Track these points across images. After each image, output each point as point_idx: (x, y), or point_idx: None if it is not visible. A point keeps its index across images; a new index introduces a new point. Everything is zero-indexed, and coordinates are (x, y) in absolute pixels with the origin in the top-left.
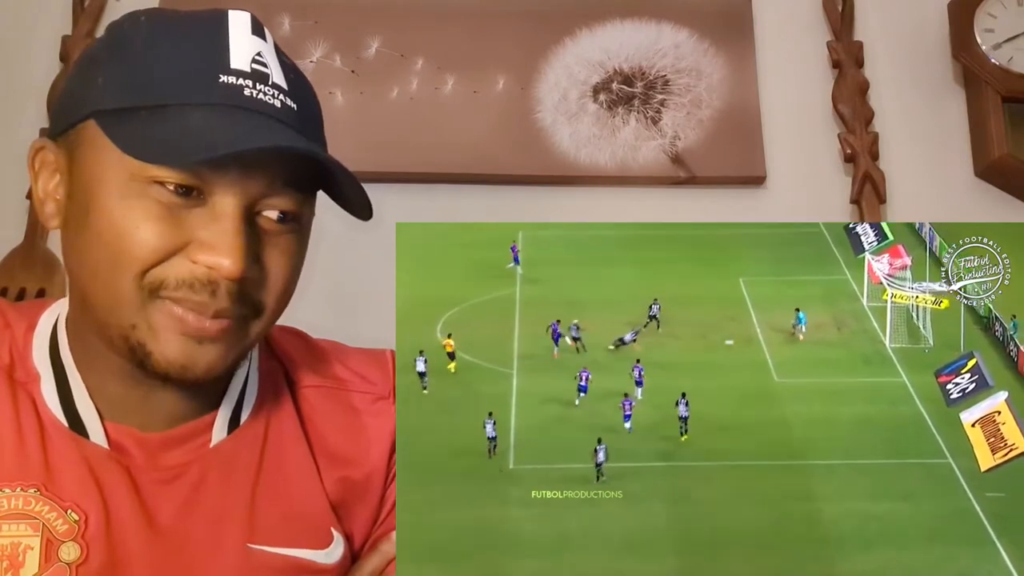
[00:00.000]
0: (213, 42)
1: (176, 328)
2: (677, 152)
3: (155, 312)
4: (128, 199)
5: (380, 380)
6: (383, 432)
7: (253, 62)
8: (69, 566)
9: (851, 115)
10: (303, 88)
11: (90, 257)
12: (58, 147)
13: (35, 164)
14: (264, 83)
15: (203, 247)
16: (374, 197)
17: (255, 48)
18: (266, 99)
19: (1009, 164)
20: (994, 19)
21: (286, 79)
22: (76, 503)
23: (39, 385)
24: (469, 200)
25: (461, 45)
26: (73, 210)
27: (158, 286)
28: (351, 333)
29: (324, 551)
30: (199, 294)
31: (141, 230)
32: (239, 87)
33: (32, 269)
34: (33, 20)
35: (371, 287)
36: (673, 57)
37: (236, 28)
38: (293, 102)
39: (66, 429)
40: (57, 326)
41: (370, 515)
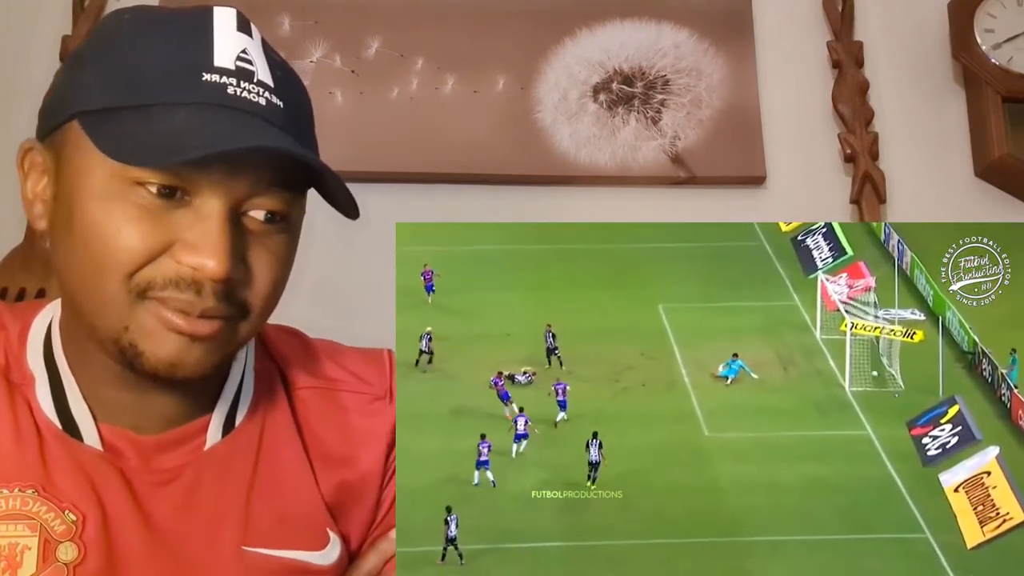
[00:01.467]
0: (197, 40)
1: (165, 327)
2: (677, 152)
3: (144, 314)
4: (109, 201)
5: (377, 380)
6: (380, 432)
7: (237, 59)
8: (67, 566)
9: (851, 115)
10: (291, 85)
11: (75, 260)
12: (45, 148)
13: (24, 165)
14: (249, 81)
15: (187, 248)
16: (374, 197)
17: (240, 45)
18: (250, 97)
19: (1009, 164)
20: (994, 19)
21: (272, 76)
22: (74, 504)
23: (34, 387)
24: (469, 200)
25: (461, 45)
26: (59, 212)
27: (146, 287)
28: (351, 333)
29: (320, 552)
30: (185, 293)
31: (123, 233)
32: (222, 85)
33: (32, 269)
34: (33, 20)
35: (371, 287)
36: (673, 57)
37: (221, 25)
38: (279, 100)
39: (60, 432)
40: (51, 328)
41: (367, 516)
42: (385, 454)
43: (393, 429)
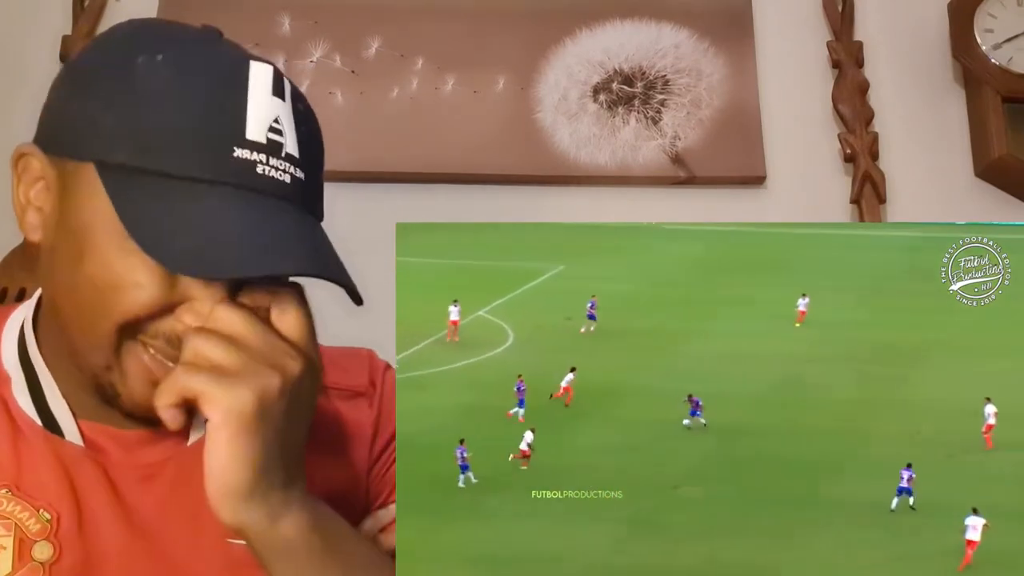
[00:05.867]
0: (231, 104)
1: (147, 375)
2: (677, 152)
3: (128, 355)
4: (131, 256)
5: (356, 376)
6: (361, 427)
7: (269, 130)
8: (43, 565)
9: (851, 115)
10: (313, 144)
11: (76, 299)
12: (48, 160)
13: (18, 167)
14: (277, 156)
15: (191, 312)
16: (374, 197)
17: (273, 113)
18: (277, 176)
19: (1009, 164)
20: (994, 19)
21: (298, 142)
22: (49, 502)
23: (9, 387)
24: (469, 200)
25: (461, 45)
26: (63, 239)
27: (135, 331)
28: (351, 334)
29: None
30: (176, 348)
31: (144, 289)
32: (252, 163)
33: (32, 269)
34: (33, 19)
35: (371, 287)
36: (673, 57)
37: (256, 87)
38: (303, 171)
39: (40, 428)
40: (24, 328)
41: (354, 506)
42: (368, 447)
43: (375, 426)
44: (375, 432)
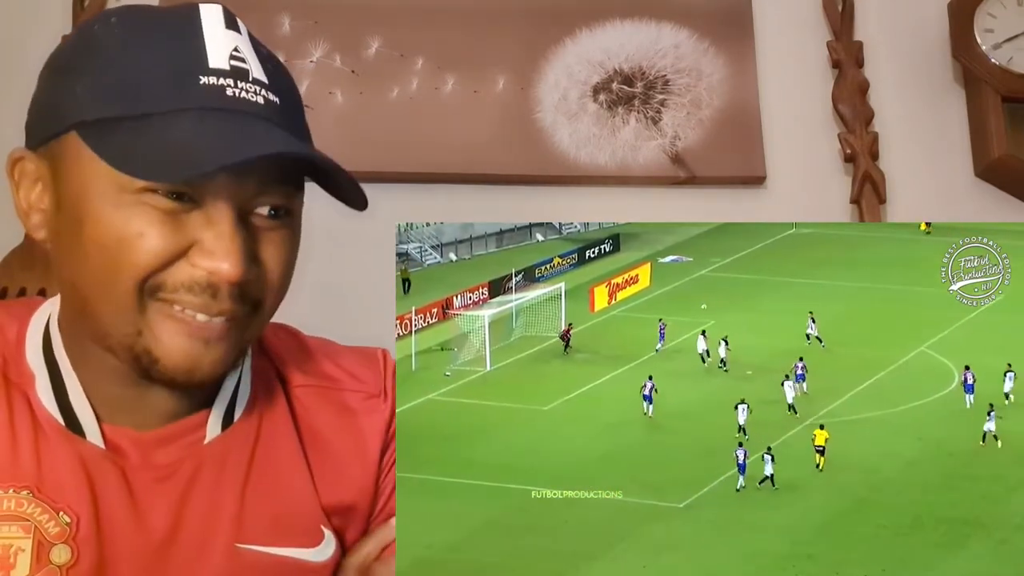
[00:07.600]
0: (188, 41)
1: (180, 331)
2: (677, 152)
3: (155, 315)
4: (126, 208)
5: (371, 378)
6: (375, 429)
7: (231, 58)
8: (60, 568)
9: (851, 115)
10: (282, 78)
11: (88, 267)
12: (39, 157)
13: (14, 174)
14: (244, 80)
15: (203, 252)
16: (374, 197)
17: (231, 43)
18: (248, 97)
19: (1009, 164)
20: (994, 19)
21: (265, 71)
22: (69, 505)
23: (34, 385)
24: (469, 200)
25: (461, 45)
26: (64, 223)
27: (156, 288)
28: (351, 334)
29: (314, 549)
30: (199, 296)
31: (146, 237)
32: (220, 87)
33: (32, 269)
34: (33, 19)
35: (371, 287)
36: (673, 57)
37: (209, 23)
38: (275, 95)
39: (62, 428)
40: (49, 325)
41: (364, 512)
42: (380, 450)
43: (388, 426)
44: (387, 432)
